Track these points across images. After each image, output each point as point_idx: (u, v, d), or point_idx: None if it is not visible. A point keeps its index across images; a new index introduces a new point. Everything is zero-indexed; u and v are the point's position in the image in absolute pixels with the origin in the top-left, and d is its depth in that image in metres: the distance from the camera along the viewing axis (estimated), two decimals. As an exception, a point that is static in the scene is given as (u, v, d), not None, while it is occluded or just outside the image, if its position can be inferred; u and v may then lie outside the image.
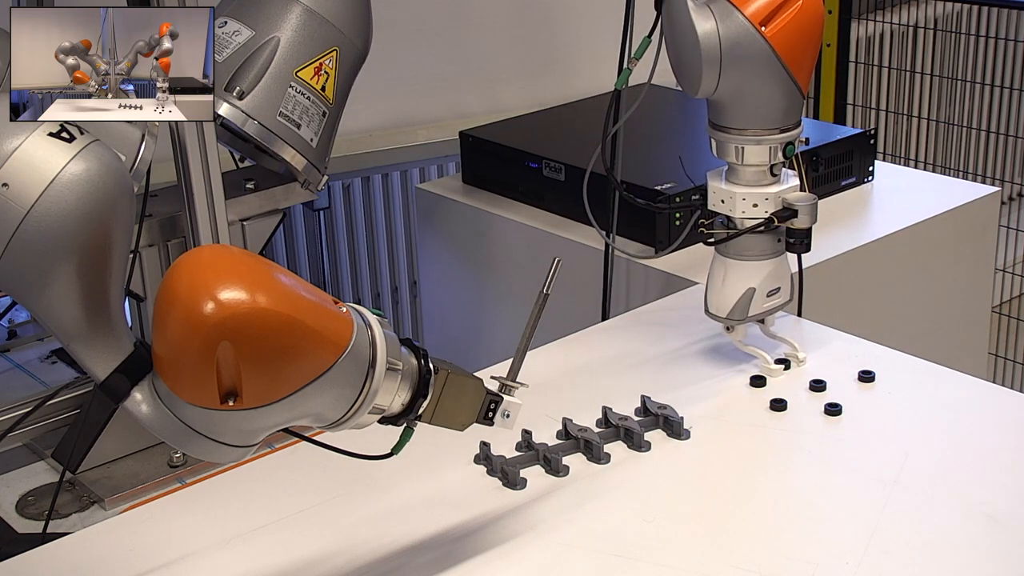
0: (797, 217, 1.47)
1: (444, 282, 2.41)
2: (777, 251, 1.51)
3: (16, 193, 0.91)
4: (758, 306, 1.52)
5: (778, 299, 1.54)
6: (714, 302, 1.54)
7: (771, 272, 1.51)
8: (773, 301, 1.53)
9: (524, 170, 2.21)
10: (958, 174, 3.51)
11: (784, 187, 1.49)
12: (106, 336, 0.97)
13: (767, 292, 1.52)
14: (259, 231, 1.72)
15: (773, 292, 1.52)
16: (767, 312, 1.54)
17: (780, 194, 1.48)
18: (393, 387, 1.05)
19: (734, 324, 1.53)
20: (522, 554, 1.20)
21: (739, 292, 1.51)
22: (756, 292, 1.51)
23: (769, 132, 1.46)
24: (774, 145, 1.46)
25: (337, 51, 1.63)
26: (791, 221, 1.47)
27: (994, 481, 1.28)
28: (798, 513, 1.25)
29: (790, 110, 1.47)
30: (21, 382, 1.88)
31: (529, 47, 2.83)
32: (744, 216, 1.49)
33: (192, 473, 1.61)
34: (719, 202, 1.50)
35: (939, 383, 1.50)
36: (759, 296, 1.51)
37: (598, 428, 1.41)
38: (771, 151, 1.47)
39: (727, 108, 1.47)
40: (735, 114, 1.46)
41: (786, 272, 1.54)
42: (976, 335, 2.30)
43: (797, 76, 1.43)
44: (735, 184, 1.49)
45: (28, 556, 1.26)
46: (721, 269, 1.53)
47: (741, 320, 1.52)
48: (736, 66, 1.41)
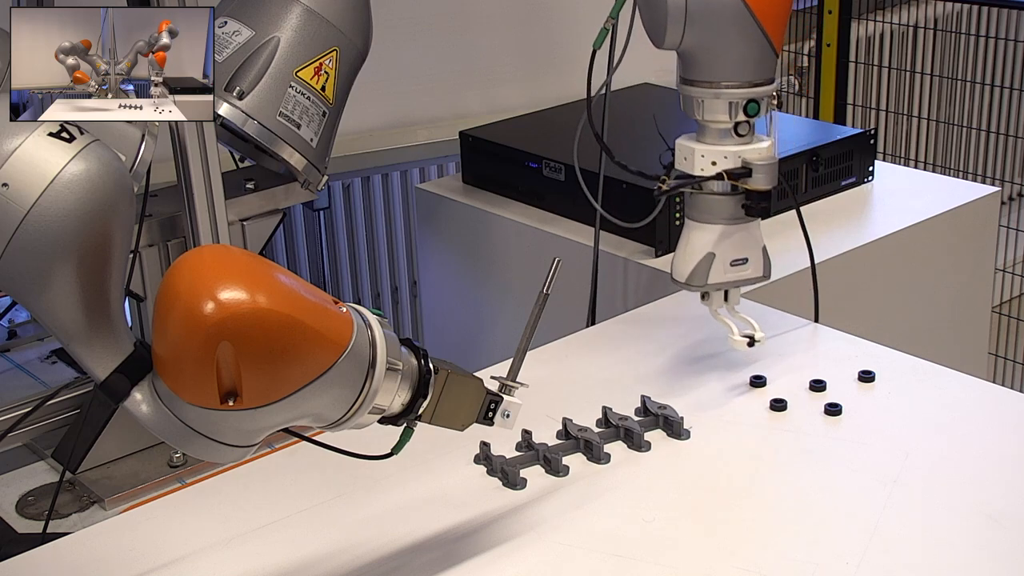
0: (751, 177, 1.41)
1: (444, 282, 2.41)
2: (739, 216, 1.45)
3: (16, 193, 0.92)
4: (719, 274, 1.47)
5: (746, 272, 1.48)
6: (676, 267, 1.49)
7: (734, 239, 1.46)
8: (739, 273, 1.48)
9: (524, 170, 2.21)
10: (958, 174, 3.51)
11: (748, 147, 1.42)
12: (106, 336, 0.97)
13: (730, 261, 1.46)
14: (259, 231, 1.72)
15: (738, 262, 1.47)
16: (732, 283, 1.49)
17: (741, 153, 1.42)
18: (393, 387, 1.05)
19: (694, 290, 1.48)
20: (522, 554, 1.20)
21: (698, 256, 1.46)
22: (716, 259, 1.45)
23: (729, 87, 1.40)
24: (735, 101, 1.40)
25: (337, 51, 1.63)
26: (746, 181, 1.41)
27: (994, 481, 1.28)
28: (798, 513, 1.25)
29: (755, 66, 1.40)
30: (21, 382, 1.88)
31: (529, 47, 2.83)
32: (702, 174, 1.43)
33: (192, 473, 1.61)
34: (682, 160, 1.46)
35: (939, 383, 1.50)
36: (720, 263, 1.46)
37: (598, 428, 1.41)
38: (731, 107, 1.41)
39: (692, 61, 1.42)
40: (698, 67, 1.41)
41: (755, 244, 1.48)
42: (976, 335, 2.30)
43: (767, 29, 1.38)
44: (698, 142, 1.44)
45: (28, 556, 1.26)
46: (686, 233, 1.49)
47: (700, 286, 1.47)
48: (702, 18, 1.36)
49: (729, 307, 1.52)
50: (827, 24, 3.09)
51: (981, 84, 3.75)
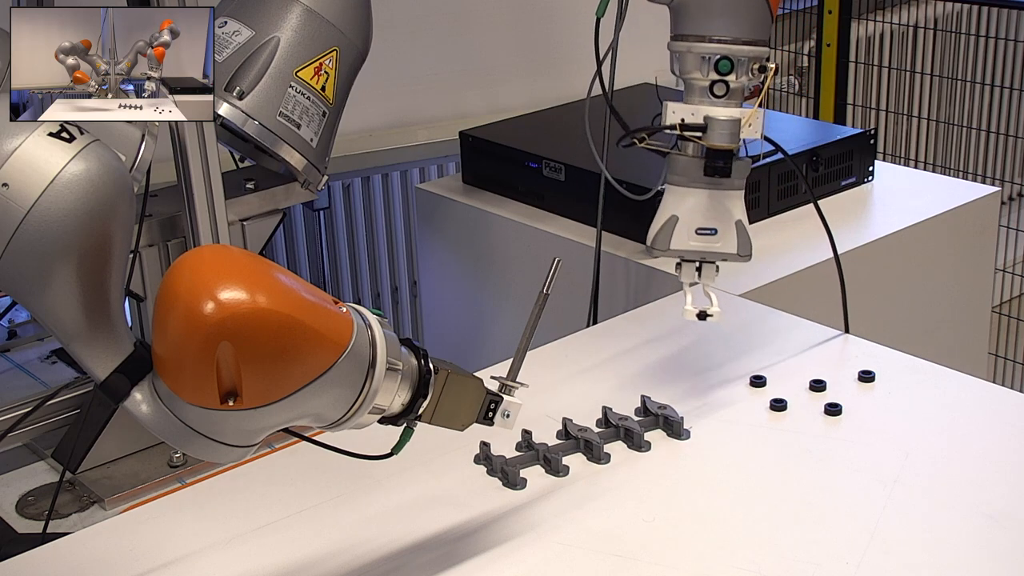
0: (707, 132, 1.36)
1: (444, 282, 2.41)
2: (707, 181, 1.40)
3: (16, 193, 0.92)
4: (683, 241, 1.42)
5: (716, 244, 1.42)
6: (650, 231, 1.45)
7: (700, 205, 1.41)
8: (707, 244, 1.43)
9: (524, 170, 2.21)
10: (958, 174, 3.52)
11: (715, 108, 1.37)
12: (106, 336, 0.97)
13: (695, 228, 1.41)
14: (259, 231, 1.72)
15: (705, 231, 1.42)
16: (698, 253, 1.44)
17: (709, 112, 1.37)
18: (393, 387, 1.05)
19: (659, 254, 1.43)
20: (522, 554, 1.20)
21: (664, 219, 1.43)
22: (680, 223, 1.41)
23: (701, 41, 1.37)
24: (707, 56, 1.37)
25: (337, 51, 1.63)
26: (703, 138, 1.36)
27: (994, 481, 1.28)
28: (798, 513, 1.25)
29: (729, 22, 1.36)
30: (21, 382, 1.88)
31: (529, 47, 2.83)
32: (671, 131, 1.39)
33: (192, 473, 1.61)
34: (657, 116, 1.43)
35: (939, 383, 1.50)
36: (684, 229, 1.41)
37: (598, 428, 1.41)
38: (704, 63, 1.37)
39: (675, 16, 1.39)
40: (680, 22, 1.39)
41: (727, 216, 1.42)
42: (976, 335, 2.30)
43: None
44: (677, 101, 1.40)
45: (28, 556, 1.26)
46: (663, 198, 1.45)
47: (663, 251, 1.42)
48: None
49: (703, 284, 1.47)
50: (827, 24, 3.09)
51: (981, 84, 3.76)
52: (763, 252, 1.95)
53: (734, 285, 1.80)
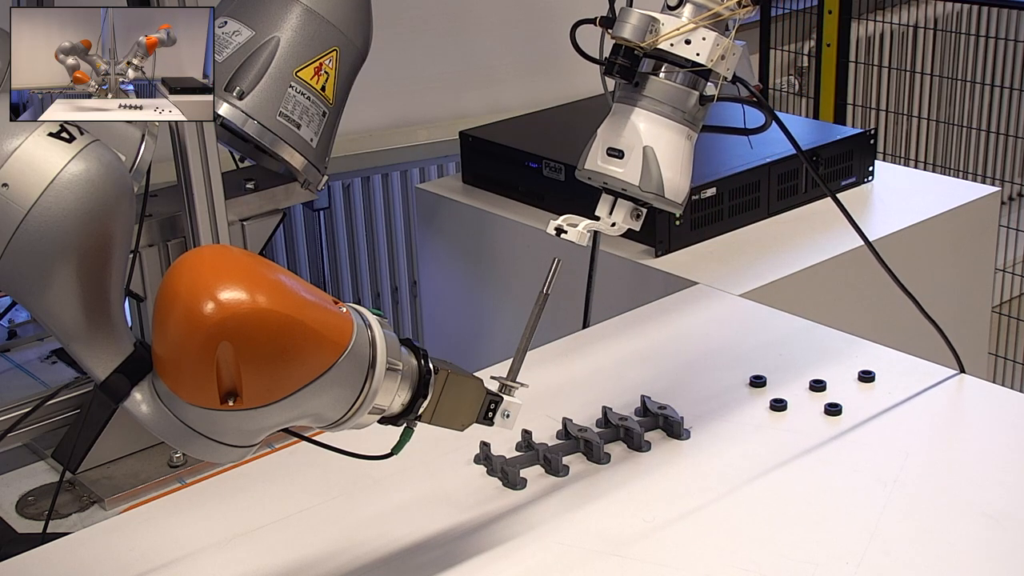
0: (613, 27, 1.23)
1: (444, 282, 2.41)
2: (622, 95, 1.27)
3: (16, 193, 0.92)
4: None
5: (618, 169, 1.26)
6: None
7: (613, 122, 1.27)
8: (611, 167, 1.26)
9: (524, 170, 2.21)
10: (958, 174, 3.52)
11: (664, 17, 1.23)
12: (106, 336, 0.97)
13: (606, 148, 1.27)
14: (259, 231, 1.72)
15: (613, 153, 1.26)
16: (601, 175, 1.27)
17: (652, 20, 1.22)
18: (393, 387, 1.05)
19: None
20: (522, 554, 1.20)
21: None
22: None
23: None
24: None
25: (337, 51, 1.63)
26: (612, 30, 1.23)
27: (994, 481, 1.28)
28: (798, 513, 1.25)
29: None
30: (21, 382, 1.88)
31: (529, 47, 2.83)
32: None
33: (192, 473, 1.61)
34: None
35: (939, 383, 1.50)
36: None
37: (598, 428, 1.41)
38: None
39: None
40: None
41: (636, 139, 1.25)
42: (976, 335, 2.30)
43: None
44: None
45: (28, 556, 1.26)
46: None
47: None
48: None
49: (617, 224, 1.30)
50: (827, 24, 3.09)
51: (981, 84, 3.76)
52: (763, 252, 1.95)
53: (734, 285, 1.80)
